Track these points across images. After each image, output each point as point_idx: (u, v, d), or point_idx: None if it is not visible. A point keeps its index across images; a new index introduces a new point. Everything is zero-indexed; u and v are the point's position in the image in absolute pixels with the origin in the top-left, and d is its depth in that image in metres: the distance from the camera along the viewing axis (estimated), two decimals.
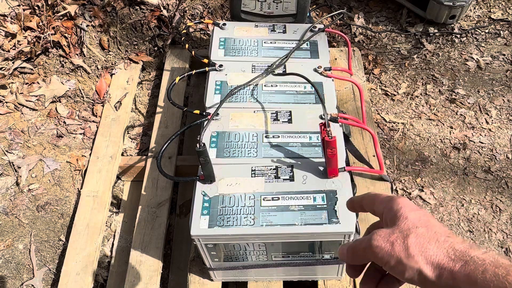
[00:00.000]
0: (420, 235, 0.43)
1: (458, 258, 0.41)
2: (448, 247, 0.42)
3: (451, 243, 0.42)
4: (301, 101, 1.27)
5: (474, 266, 0.39)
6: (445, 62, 2.08)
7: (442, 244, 0.42)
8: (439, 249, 0.42)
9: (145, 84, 1.95)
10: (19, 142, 1.69)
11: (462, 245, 0.42)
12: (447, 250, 0.41)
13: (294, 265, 1.15)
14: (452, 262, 0.41)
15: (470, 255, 0.40)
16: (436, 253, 0.42)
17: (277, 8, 1.54)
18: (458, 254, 0.41)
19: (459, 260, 0.40)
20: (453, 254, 0.41)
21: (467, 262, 0.40)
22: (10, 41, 1.74)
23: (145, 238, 1.40)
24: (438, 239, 0.43)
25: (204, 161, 1.02)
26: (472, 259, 0.40)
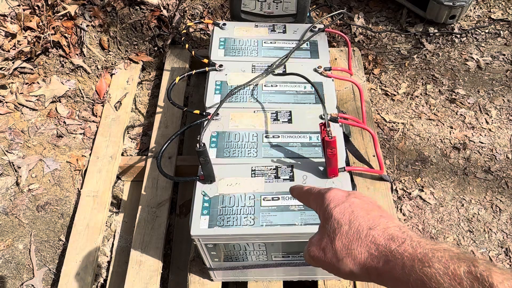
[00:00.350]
0: (344, 234, 0.45)
1: (380, 254, 0.42)
2: (370, 243, 0.43)
3: (372, 237, 0.43)
4: (301, 101, 1.27)
5: (394, 262, 0.40)
6: (445, 62, 2.08)
7: (364, 241, 0.43)
8: (362, 247, 0.43)
9: (145, 84, 1.95)
10: (19, 142, 1.69)
11: (383, 237, 0.42)
12: (369, 247, 0.43)
13: (294, 265, 1.15)
14: (375, 260, 0.42)
15: (390, 249, 0.41)
16: (360, 252, 0.43)
17: (277, 8, 1.54)
18: (380, 250, 0.42)
19: (381, 256, 0.41)
20: (376, 250, 0.42)
21: (387, 258, 0.41)
22: (10, 41, 1.74)
23: (145, 238, 1.40)
24: (360, 235, 0.44)
25: (204, 161, 1.02)
26: (392, 254, 0.41)
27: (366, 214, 0.46)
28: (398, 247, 0.41)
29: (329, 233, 0.46)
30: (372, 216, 0.46)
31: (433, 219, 1.61)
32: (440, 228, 1.58)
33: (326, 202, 0.49)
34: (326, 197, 0.49)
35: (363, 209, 0.47)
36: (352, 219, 0.45)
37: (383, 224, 0.44)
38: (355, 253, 0.43)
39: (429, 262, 0.38)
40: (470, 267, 0.36)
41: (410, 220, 1.60)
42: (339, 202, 0.48)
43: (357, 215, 0.46)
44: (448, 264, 0.37)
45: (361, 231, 0.44)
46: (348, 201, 0.48)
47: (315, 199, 0.51)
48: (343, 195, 0.49)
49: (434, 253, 0.39)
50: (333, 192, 0.50)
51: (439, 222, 1.60)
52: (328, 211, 0.48)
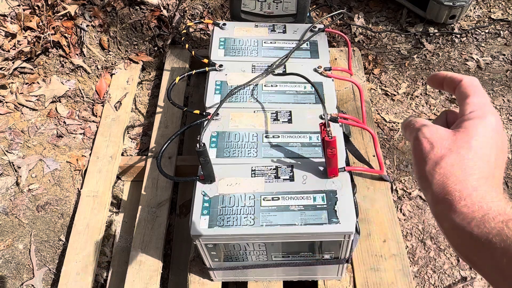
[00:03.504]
0: (461, 159, 0.42)
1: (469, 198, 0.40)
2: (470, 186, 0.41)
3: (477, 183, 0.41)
4: (301, 101, 1.27)
5: (477, 209, 0.39)
6: (445, 62, 2.08)
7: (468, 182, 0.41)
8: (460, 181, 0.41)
9: (145, 84, 1.95)
10: (19, 142, 1.69)
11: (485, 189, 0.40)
12: (465, 187, 0.41)
13: (294, 265, 1.15)
14: (459, 198, 0.40)
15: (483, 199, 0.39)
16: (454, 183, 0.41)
17: (277, 8, 1.54)
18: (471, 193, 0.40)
19: (466, 199, 0.40)
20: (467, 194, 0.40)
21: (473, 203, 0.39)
22: (10, 41, 1.74)
23: (145, 238, 1.40)
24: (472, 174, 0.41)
25: (204, 161, 1.02)
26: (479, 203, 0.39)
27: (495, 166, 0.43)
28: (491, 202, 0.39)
29: (452, 144, 0.43)
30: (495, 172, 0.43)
31: (433, 219, 1.61)
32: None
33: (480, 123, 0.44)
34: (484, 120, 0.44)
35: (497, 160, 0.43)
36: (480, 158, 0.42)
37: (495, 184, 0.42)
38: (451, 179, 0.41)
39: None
40: None
41: (410, 220, 1.60)
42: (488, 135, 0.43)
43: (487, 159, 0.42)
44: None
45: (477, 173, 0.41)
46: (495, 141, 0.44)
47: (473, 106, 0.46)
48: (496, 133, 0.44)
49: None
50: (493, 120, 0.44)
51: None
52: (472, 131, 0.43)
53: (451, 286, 1.47)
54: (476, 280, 1.46)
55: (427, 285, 1.47)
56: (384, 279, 1.26)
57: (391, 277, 1.26)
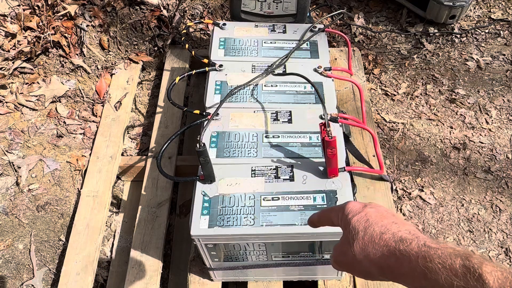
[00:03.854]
0: (360, 240, 0.52)
1: (391, 254, 0.48)
2: (383, 246, 0.49)
3: (385, 241, 0.50)
4: (301, 101, 1.27)
5: (402, 259, 0.47)
6: (445, 62, 2.08)
7: (378, 244, 0.50)
8: (376, 249, 0.50)
9: (145, 84, 1.95)
10: (19, 142, 1.69)
11: (394, 240, 0.49)
12: (382, 249, 0.49)
13: (294, 265, 1.15)
14: (387, 259, 0.49)
15: (399, 249, 0.48)
16: (374, 254, 0.50)
17: (277, 8, 1.54)
18: (391, 250, 0.48)
19: (392, 255, 0.48)
20: (387, 251, 0.49)
21: (397, 257, 0.48)
22: (10, 41, 1.74)
23: (145, 238, 1.40)
24: (374, 239, 0.51)
25: (204, 161, 1.02)
26: (400, 253, 0.47)
27: (379, 221, 0.53)
28: (406, 247, 0.47)
29: (348, 239, 0.53)
30: (384, 223, 0.52)
31: (433, 219, 1.61)
32: (440, 228, 1.59)
33: (345, 213, 0.56)
34: (345, 208, 0.56)
35: (377, 217, 0.53)
36: (366, 226, 0.52)
37: (394, 229, 0.51)
38: (370, 255, 0.50)
39: (431, 257, 0.44)
40: (465, 261, 0.42)
41: (410, 220, 1.60)
42: (356, 212, 0.55)
43: (371, 223, 0.53)
44: (446, 259, 0.43)
45: (375, 236, 0.51)
46: (364, 211, 0.55)
47: (336, 213, 0.58)
48: (360, 206, 0.56)
49: (436, 250, 0.45)
50: (351, 204, 0.57)
51: (439, 222, 1.60)
52: (347, 221, 0.55)
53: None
54: None
55: None
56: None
57: None
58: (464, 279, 0.41)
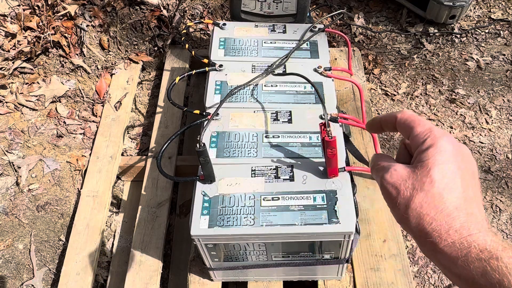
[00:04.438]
0: (429, 196, 0.42)
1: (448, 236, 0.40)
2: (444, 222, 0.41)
3: (452, 218, 0.41)
4: (301, 101, 1.27)
5: (459, 247, 0.39)
6: (445, 62, 2.08)
7: (442, 217, 0.41)
8: (435, 220, 0.41)
9: (145, 84, 1.95)
10: (19, 142, 1.69)
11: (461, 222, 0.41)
12: (441, 225, 0.41)
13: (294, 265, 1.15)
14: (439, 237, 0.41)
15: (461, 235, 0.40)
16: (430, 223, 0.41)
17: (277, 8, 1.54)
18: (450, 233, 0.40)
19: (448, 238, 0.40)
20: (445, 231, 0.40)
21: (454, 242, 0.40)
22: (10, 41, 1.74)
23: (145, 238, 1.40)
24: (443, 209, 0.41)
25: (204, 161, 1.02)
26: (460, 240, 0.40)
27: (462, 190, 0.42)
28: (470, 235, 0.40)
29: (416, 183, 0.43)
30: (465, 196, 0.42)
31: None
32: None
33: (435, 150, 0.43)
34: (438, 145, 0.44)
35: (464, 182, 0.43)
36: (447, 188, 0.42)
37: (470, 208, 0.42)
38: (424, 221, 0.42)
39: (497, 254, 0.37)
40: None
41: None
42: (446, 160, 0.43)
43: (454, 186, 0.42)
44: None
45: (446, 206, 0.41)
46: (455, 164, 0.43)
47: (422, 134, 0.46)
48: (454, 153, 0.44)
49: (504, 248, 0.38)
50: (447, 142, 0.44)
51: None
52: (431, 161, 0.43)
53: (451, 286, 1.47)
54: None
55: (427, 285, 1.47)
56: (384, 279, 1.26)
57: (391, 277, 1.26)
58: None
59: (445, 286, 1.47)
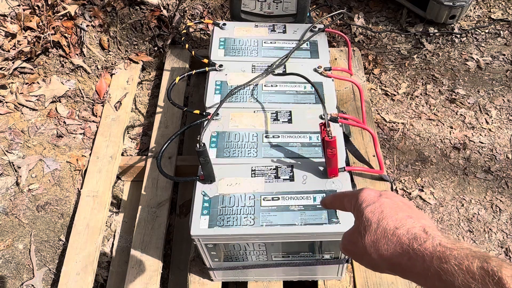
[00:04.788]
0: (372, 232, 0.49)
1: (404, 252, 0.46)
2: (395, 242, 0.47)
3: (398, 237, 0.47)
4: (301, 101, 1.27)
5: (415, 259, 0.45)
6: (445, 62, 2.08)
7: (391, 239, 0.48)
8: (388, 245, 0.48)
9: (145, 84, 1.95)
10: (19, 142, 1.69)
11: (407, 237, 0.47)
12: (395, 246, 0.47)
13: (294, 265, 1.15)
14: (399, 257, 0.47)
15: (413, 248, 0.45)
16: (386, 249, 0.48)
17: (277, 8, 1.54)
18: (404, 248, 0.46)
19: (405, 254, 0.46)
20: (400, 249, 0.47)
21: (410, 255, 0.45)
22: (10, 41, 1.74)
23: (145, 238, 1.40)
24: (387, 234, 0.48)
25: (204, 161, 1.02)
26: (414, 252, 0.45)
27: (394, 214, 0.50)
28: (420, 246, 0.45)
29: (360, 230, 0.51)
30: (399, 217, 0.50)
31: (433, 219, 1.60)
32: (440, 228, 1.58)
33: (359, 201, 0.53)
34: (359, 196, 0.54)
35: (392, 209, 0.51)
36: (380, 218, 0.50)
37: (409, 224, 0.48)
38: (381, 250, 0.48)
39: (446, 258, 0.42)
40: (483, 263, 0.40)
41: None
42: (370, 202, 0.52)
43: (385, 215, 0.50)
44: (463, 260, 0.41)
45: (388, 230, 0.48)
46: (379, 202, 0.52)
47: (349, 199, 0.56)
48: (375, 195, 0.53)
49: (452, 251, 0.43)
50: (366, 192, 0.54)
51: (439, 222, 1.60)
52: (360, 210, 0.52)
53: None
54: None
55: None
56: (384, 279, 1.26)
57: (391, 277, 1.26)
58: (482, 282, 0.39)
59: None
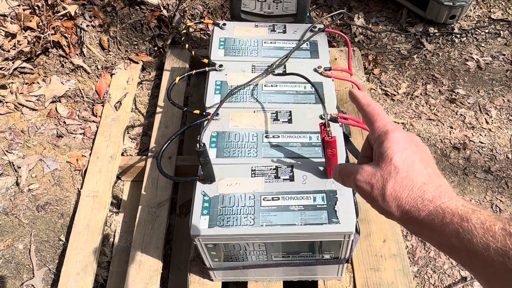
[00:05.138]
0: (398, 181, 0.47)
1: (424, 207, 0.45)
2: (418, 197, 0.46)
3: (423, 191, 0.46)
4: (301, 101, 1.27)
5: (435, 215, 0.44)
6: (445, 62, 2.08)
7: (415, 193, 0.46)
8: (410, 198, 0.46)
9: (145, 84, 1.95)
10: (19, 142, 1.69)
11: (433, 193, 0.45)
12: (416, 200, 0.46)
13: (294, 265, 1.15)
14: (417, 211, 0.45)
15: (435, 204, 0.44)
16: (407, 202, 0.46)
17: (277, 8, 1.54)
18: (425, 203, 0.45)
19: (424, 209, 0.45)
20: (421, 204, 0.45)
21: (430, 212, 0.44)
22: (10, 41, 1.74)
23: (145, 238, 1.40)
24: (414, 187, 0.46)
25: (204, 161, 1.02)
26: (435, 209, 0.44)
27: (424, 168, 0.48)
28: (443, 203, 0.44)
29: (383, 174, 0.48)
30: (428, 172, 0.48)
31: None
32: None
33: (389, 143, 0.50)
34: (390, 137, 0.50)
35: (423, 162, 0.49)
36: (410, 170, 0.47)
37: (437, 182, 0.47)
38: (402, 202, 0.46)
39: (468, 217, 0.41)
40: (505, 225, 0.39)
41: None
42: (401, 148, 0.49)
43: (416, 168, 0.48)
44: (485, 220, 0.40)
45: (415, 184, 0.46)
46: (411, 149, 0.49)
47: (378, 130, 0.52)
48: (408, 141, 0.50)
49: (475, 212, 0.42)
50: (398, 134, 0.50)
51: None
52: (389, 153, 0.49)
53: (451, 286, 1.47)
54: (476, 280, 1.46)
55: (427, 285, 1.47)
56: (384, 279, 1.26)
57: (391, 277, 1.26)
58: (502, 242, 0.38)
59: (445, 286, 1.47)
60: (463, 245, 0.41)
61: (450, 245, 0.42)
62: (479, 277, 0.41)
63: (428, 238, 0.45)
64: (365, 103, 0.56)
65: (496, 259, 0.38)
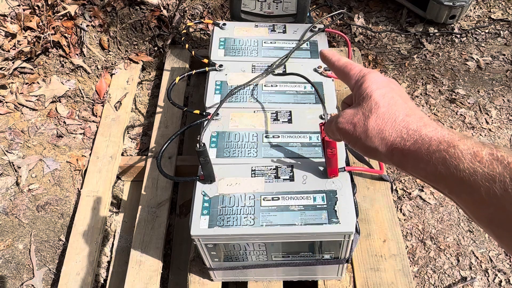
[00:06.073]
0: (380, 115, 0.47)
1: (409, 136, 0.44)
2: (402, 127, 0.45)
3: (406, 122, 0.46)
4: (301, 101, 1.27)
5: (421, 143, 0.43)
6: (445, 62, 2.08)
7: (399, 124, 0.46)
8: (394, 129, 0.46)
9: (145, 84, 1.95)
10: (19, 142, 1.69)
11: (417, 124, 0.45)
12: (401, 130, 0.45)
13: (294, 265, 1.15)
14: (403, 141, 0.45)
15: (420, 133, 0.44)
16: (391, 134, 0.46)
17: (277, 8, 1.54)
18: (410, 133, 0.45)
19: (409, 139, 0.44)
20: (406, 134, 0.45)
21: (416, 140, 0.44)
22: (10, 41, 1.74)
23: (145, 238, 1.40)
24: (396, 119, 0.46)
25: (204, 161, 1.02)
26: (421, 137, 0.44)
27: (404, 102, 0.48)
28: (429, 132, 0.44)
29: (364, 111, 0.48)
30: (409, 106, 0.48)
31: (433, 219, 1.61)
32: (440, 228, 1.59)
33: (368, 83, 0.50)
34: (368, 78, 0.51)
35: (402, 98, 0.49)
36: (391, 104, 0.48)
37: (419, 114, 0.47)
38: (385, 134, 0.46)
39: (455, 143, 0.41)
40: (492, 150, 0.39)
41: (410, 220, 1.60)
42: (380, 86, 0.50)
43: (396, 101, 0.48)
44: (472, 146, 0.40)
45: (398, 116, 0.46)
46: (389, 87, 0.50)
47: (356, 74, 0.53)
48: (386, 80, 0.51)
49: (461, 138, 0.41)
50: (376, 75, 0.51)
51: (439, 222, 1.60)
52: (368, 91, 0.49)
53: (451, 286, 1.47)
54: (476, 280, 1.47)
55: (427, 285, 1.47)
56: (384, 279, 1.26)
57: (391, 277, 1.26)
58: (489, 166, 0.37)
59: (445, 286, 1.47)
60: (450, 172, 0.40)
61: (436, 173, 0.41)
62: (464, 204, 0.41)
63: (414, 169, 0.44)
64: (336, 59, 0.57)
65: (483, 184, 0.37)
